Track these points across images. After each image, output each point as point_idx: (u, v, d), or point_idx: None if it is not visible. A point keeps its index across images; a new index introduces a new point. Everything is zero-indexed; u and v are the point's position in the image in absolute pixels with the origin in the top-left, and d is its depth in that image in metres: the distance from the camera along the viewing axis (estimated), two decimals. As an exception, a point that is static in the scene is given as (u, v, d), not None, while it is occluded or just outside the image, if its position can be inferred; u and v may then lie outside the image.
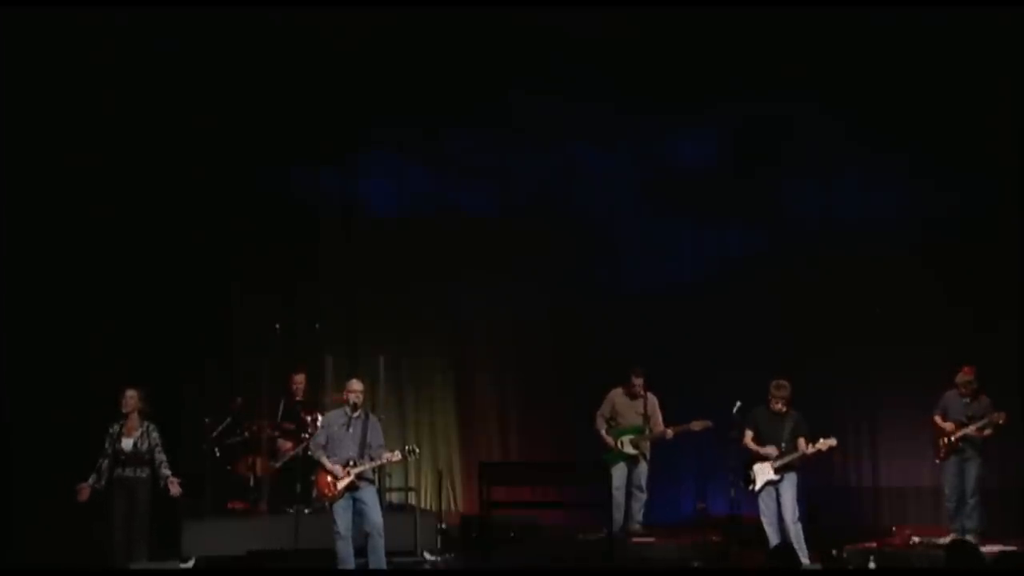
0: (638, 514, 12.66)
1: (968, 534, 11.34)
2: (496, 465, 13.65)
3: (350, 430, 10.82)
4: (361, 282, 14.45)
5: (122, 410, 11.33)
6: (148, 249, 13.10)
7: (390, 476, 12.82)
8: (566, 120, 14.50)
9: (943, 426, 11.96)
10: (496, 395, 14.71)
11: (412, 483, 13.64)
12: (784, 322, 13.77)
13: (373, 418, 11.06)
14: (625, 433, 12.71)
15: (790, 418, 11.41)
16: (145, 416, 11.38)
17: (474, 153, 14.79)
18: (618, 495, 12.46)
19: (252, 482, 12.59)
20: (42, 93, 12.70)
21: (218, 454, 12.63)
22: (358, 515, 10.73)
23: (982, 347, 12.73)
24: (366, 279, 14.43)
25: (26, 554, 11.66)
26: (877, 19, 13.20)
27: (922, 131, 13.49)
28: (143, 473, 11.28)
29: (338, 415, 10.97)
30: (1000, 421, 11.69)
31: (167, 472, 11.18)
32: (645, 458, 12.72)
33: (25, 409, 12.37)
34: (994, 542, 11.27)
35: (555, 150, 14.73)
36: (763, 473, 11.36)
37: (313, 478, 11.22)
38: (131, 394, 11.37)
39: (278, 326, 12.74)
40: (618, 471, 12.57)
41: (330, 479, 10.74)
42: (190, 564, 11.60)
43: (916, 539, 11.80)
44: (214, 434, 12.57)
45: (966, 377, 11.94)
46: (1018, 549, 9.66)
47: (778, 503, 11.32)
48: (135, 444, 11.27)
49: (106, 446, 11.27)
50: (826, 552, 11.41)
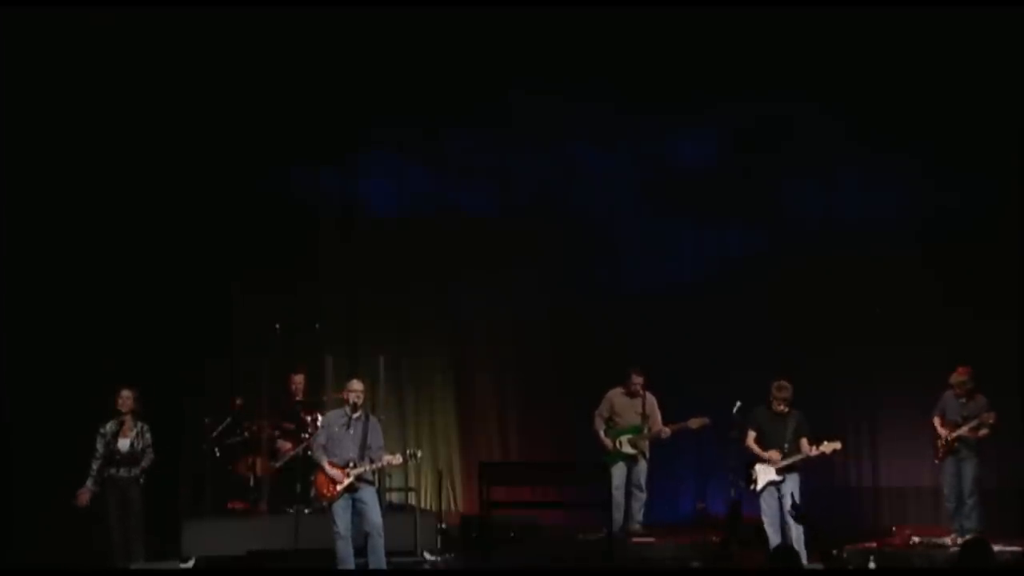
0: (638, 514, 12.66)
1: (968, 534, 11.33)
2: (496, 465, 13.65)
3: (350, 431, 10.79)
4: (361, 282, 14.45)
5: (119, 410, 11.36)
6: (148, 249, 13.11)
7: (390, 476, 12.82)
8: (566, 120, 14.50)
9: (940, 430, 11.99)
10: (496, 395, 14.71)
11: (412, 483, 13.64)
12: (784, 322, 13.76)
13: (373, 419, 11.04)
14: (624, 433, 12.71)
15: (792, 419, 11.36)
16: (138, 416, 11.41)
17: (474, 153, 14.79)
18: (617, 495, 12.47)
19: (252, 482, 12.59)
20: (42, 93, 12.70)
21: (218, 454, 12.65)
22: (357, 515, 10.71)
23: (982, 347, 12.73)
24: (366, 279, 14.43)
25: (26, 554, 11.66)
26: (877, 19, 13.20)
27: (922, 131, 13.49)
28: (136, 473, 11.31)
29: (338, 415, 10.94)
30: (990, 421, 11.68)
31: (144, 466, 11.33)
32: (644, 457, 12.72)
33: (25, 409, 12.37)
34: (994, 542, 11.26)
35: (555, 150, 14.72)
36: (765, 473, 11.32)
37: (312, 478, 11.21)
38: (127, 394, 11.39)
39: (278, 326, 12.74)
40: (617, 471, 12.57)
41: (329, 480, 10.75)
42: (190, 564, 11.61)
43: (916, 539, 11.80)
44: (214, 434, 12.59)
45: (960, 377, 11.95)
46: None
47: (780, 503, 11.30)
48: (131, 444, 11.30)
49: (97, 447, 11.29)
50: (826, 552, 11.39)
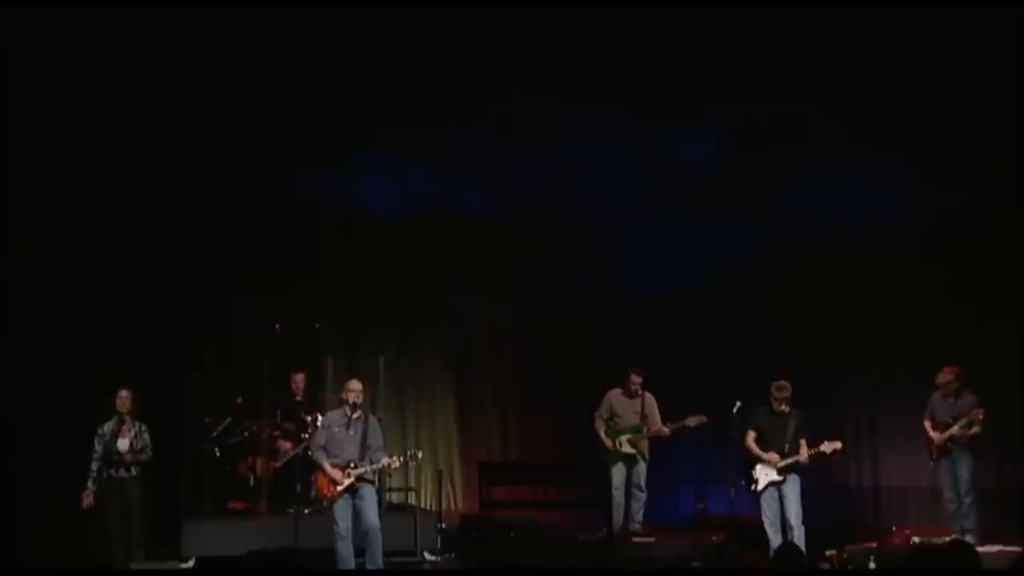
0: (638, 514, 12.64)
1: (968, 534, 11.32)
2: (496, 465, 13.68)
3: (350, 431, 10.79)
4: (361, 282, 14.45)
5: (119, 410, 11.37)
6: (148, 249, 13.10)
7: (390, 476, 12.78)
8: (566, 120, 14.50)
9: (931, 433, 11.95)
10: (496, 395, 14.71)
11: (412, 483, 13.64)
12: (784, 322, 13.75)
13: (373, 418, 11.03)
14: (623, 433, 12.69)
15: (793, 419, 11.31)
16: (136, 416, 11.41)
17: (474, 153, 14.80)
18: (617, 495, 12.47)
19: (252, 482, 12.60)
20: (43, 94, 12.70)
21: (218, 454, 12.66)
22: (356, 514, 10.72)
23: (982, 347, 12.73)
24: (366, 279, 14.44)
25: (26, 554, 11.66)
26: (878, 19, 13.19)
27: (923, 131, 13.47)
28: (135, 473, 11.32)
29: (338, 416, 10.93)
30: (979, 417, 11.64)
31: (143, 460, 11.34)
32: (644, 457, 12.70)
33: (25, 409, 12.37)
34: (994, 542, 11.27)
35: (555, 150, 14.71)
36: (766, 474, 11.28)
37: (313, 479, 11.21)
38: (125, 394, 11.41)
39: (278, 326, 12.74)
40: (617, 471, 12.57)
41: (330, 481, 10.74)
42: (190, 564, 11.61)
43: (916, 539, 11.77)
44: (214, 434, 12.60)
45: (946, 377, 11.91)
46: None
47: (781, 504, 11.25)
48: (130, 444, 11.31)
49: (96, 447, 11.30)
50: (824, 553, 11.38)
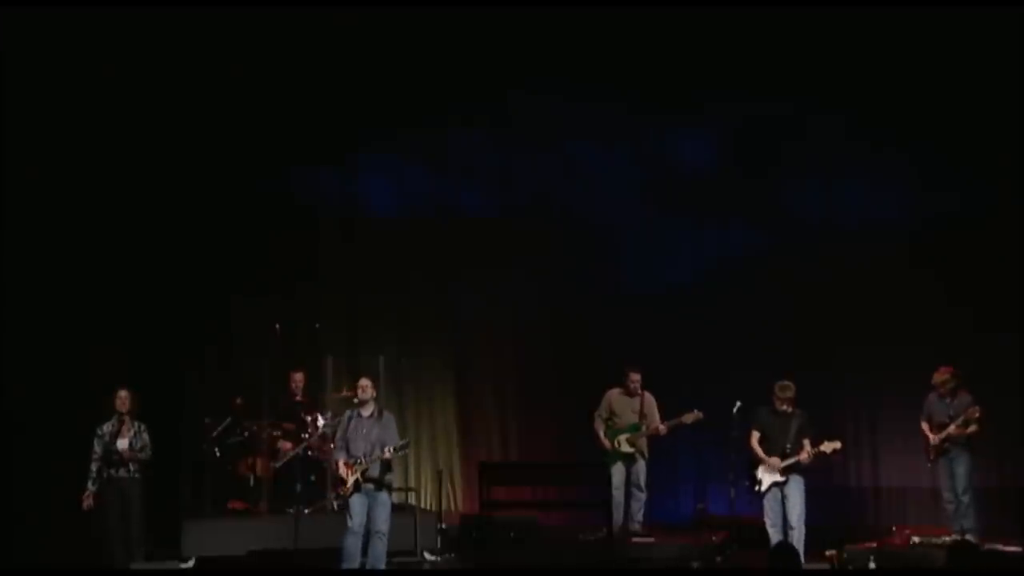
0: (638, 514, 12.63)
1: (967, 534, 11.32)
2: (496, 465, 13.68)
3: (361, 428, 10.83)
4: (361, 282, 14.44)
5: (118, 410, 11.37)
6: (148, 249, 13.09)
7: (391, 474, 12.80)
8: (566, 120, 14.50)
9: (928, 435, 11.96)
10: (496, 395, 14.70)
11: (412, 483, 13.64)
12: (784, 322, 13.76)
13: (388, 414, 11.03)
14: (621, 432, 12.68)
15: (796, 419, 11.25)
16: (135, 416, 11.41)
17: (474, 153, 14.80)
18: (617, 495, 12.47)
19: (252, 482, 12.60)
20: (42, 94, 12.69)
21: (218, 454, 12.65)
22: (369, 512, 10.69)
23: (982, 347, 12.73)
24: (366, 279, 14.43)
25: (26, 554, 11.66)
26: (877, 19, 13.19)
27: (923, 131, 13.49)
28: (135, 473, 11.32)
29: (350, 413, 11.00)
30: (975, 415, 11.65)
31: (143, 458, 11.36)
32: (643, 456, 12.68)
33: (25, 410, 12.37)
34: (994, 542, 11.27)
35: (555, 150, 14.72)
36: (769, 474, 11.24)
37: (313, 478, 11.24)
38: (124, 394, 11.42)
39: (278, 326, 12.74)
40: (616, 471, 12.56)
41: (341, 478, 10.79)
42: (190, 564, 11.60)
43: (916, 539, 11.77)
44: (214, 434, 12.59)
45: (942, 377, 11.90)
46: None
47: (783, 505, 11.22)
48: (130, 444, 11.32)
49: (95, 448, 11.31)
50: (824, 553, 11.39)
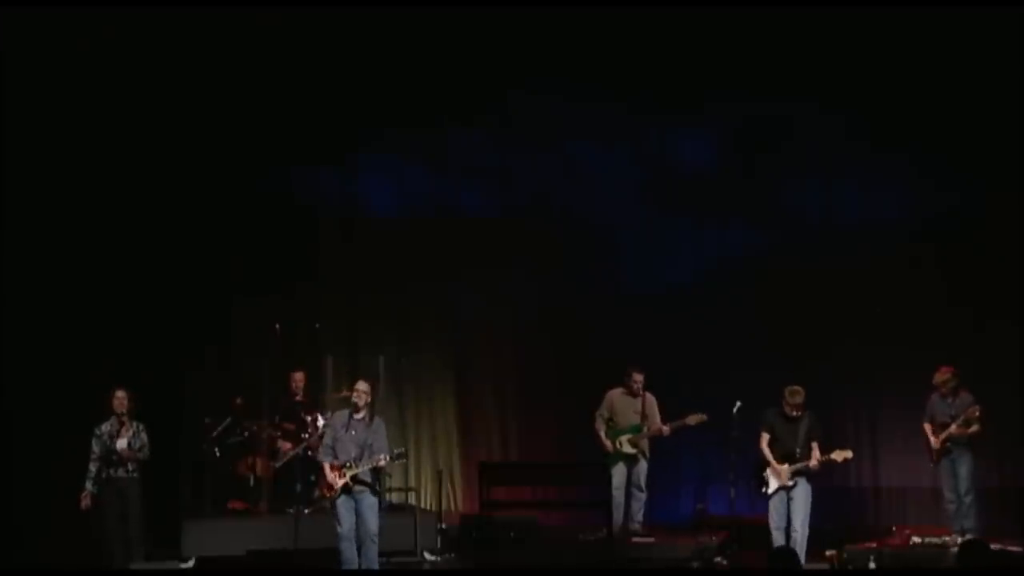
0: (638, 514, 12.62)
1: (968, 534, 11.32)
2: (496, 465, 13.67)
3: (351, 432, 10.80)
4: (361, 282, 14.43)
5: (116, 411, 11.37)
6: (148, 249, 13.10)
7: (390, 476, 12.79)
8: (566, 120, 14.50)
9: (931, 437, 11.95)
10: (496, 395, 14.69)
11: (412, 483, 13.64)
12: (784, 322, 13.76)
13: (378, 420, 10.99)
14: (623, 433, 12.68)
15: (805, 422, 11.19)
16: (134, 416, 11.42)
17: (474, 153, 14.79)
18: (617, 495, 12.46)
19: (252, 482, 12.60)
20: (42, 94, 12.70)
21: (218, 454, 12.65)
22: (357, 517, 10.71)
23: (982, 347, 12.73)
24: (366, 279, 14.42)
25: (26, 554, 11.66)
26: (877, 19, 13.19)
27: (922, 131, 13.49)
28: (134, 473, 11.33)
29: (341, 416, 10.95)
30: (976, 415, 11.65)
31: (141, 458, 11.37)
32: (644, 457, 12.67)
33: (25, 410, 12.37)
34: (994, 542, 11.26)
35: (555, 150, 14.71)
36: (777, 479, 11.20)
37: (314, 478, 11.24)
38: (122, 394, 11.43)
39: (278, 326, 12.74)
40: (617, 471, 12.55)
41: (327, 481, 10.75)
42: (190, 564, 11.61)
43: (916, 539, 11.78)
44: (214, 434, 12.59)
45: (943, 376, 11.90)
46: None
47: (788, 508, 11.16)
48: (129, 444, 11.33)
49: (94, 448, 11.32)
50: (824, 553, 11.39)
